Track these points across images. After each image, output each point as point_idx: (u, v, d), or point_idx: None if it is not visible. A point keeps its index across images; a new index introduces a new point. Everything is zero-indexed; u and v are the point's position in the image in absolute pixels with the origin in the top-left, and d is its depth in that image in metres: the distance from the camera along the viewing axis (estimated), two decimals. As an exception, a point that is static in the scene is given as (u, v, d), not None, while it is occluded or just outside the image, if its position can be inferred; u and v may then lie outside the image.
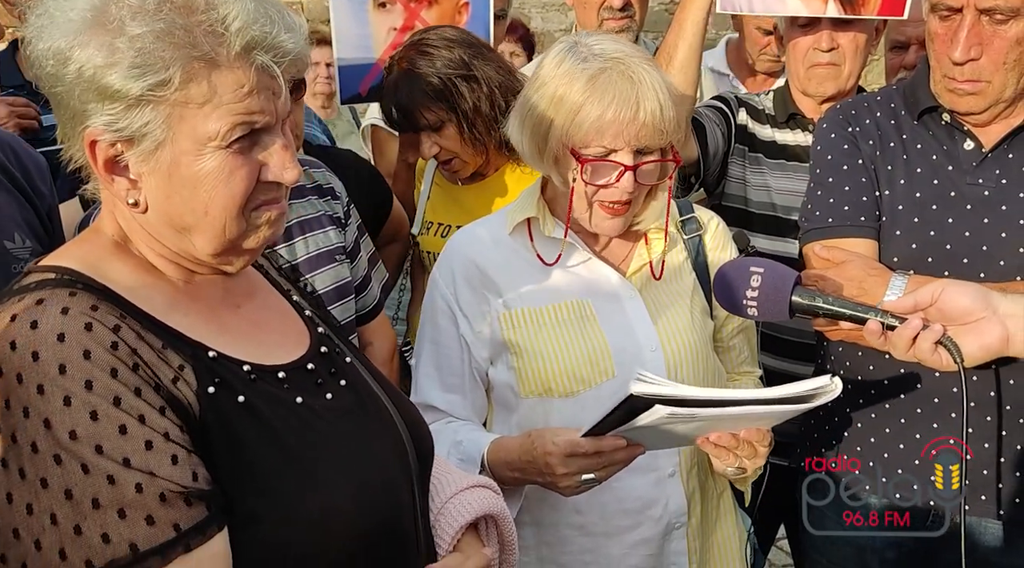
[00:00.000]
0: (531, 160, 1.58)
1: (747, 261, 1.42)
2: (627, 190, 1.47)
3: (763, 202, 2.18)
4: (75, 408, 0.85)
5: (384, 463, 1.07)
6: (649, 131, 1.43)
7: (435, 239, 2.26)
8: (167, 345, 0.95)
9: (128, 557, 0.85)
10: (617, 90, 1.42)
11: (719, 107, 2.21)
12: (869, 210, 1.64)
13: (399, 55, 2.13)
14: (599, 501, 1.52)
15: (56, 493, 0.85)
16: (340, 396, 1.08)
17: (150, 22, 0.89)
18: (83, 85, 0.91)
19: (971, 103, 1.56)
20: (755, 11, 2.17)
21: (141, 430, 0.88)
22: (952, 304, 1.28)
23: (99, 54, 0.89)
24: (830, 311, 1.35)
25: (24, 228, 1.50)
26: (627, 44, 1.54)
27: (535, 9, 6.06)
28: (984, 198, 1.58)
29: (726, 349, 1.71)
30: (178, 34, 0.90)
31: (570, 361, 1.52)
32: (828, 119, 1.77)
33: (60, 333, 0.87)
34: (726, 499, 1.70)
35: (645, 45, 2.71)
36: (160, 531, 0.86)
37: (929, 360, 1.30)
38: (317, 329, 1.16)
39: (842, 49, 2.10)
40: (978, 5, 1.48)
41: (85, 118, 0.92)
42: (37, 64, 0.93)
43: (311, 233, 1.93)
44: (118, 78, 0.89)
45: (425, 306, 1.65)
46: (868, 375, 1.69)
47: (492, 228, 1.64)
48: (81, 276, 0.95)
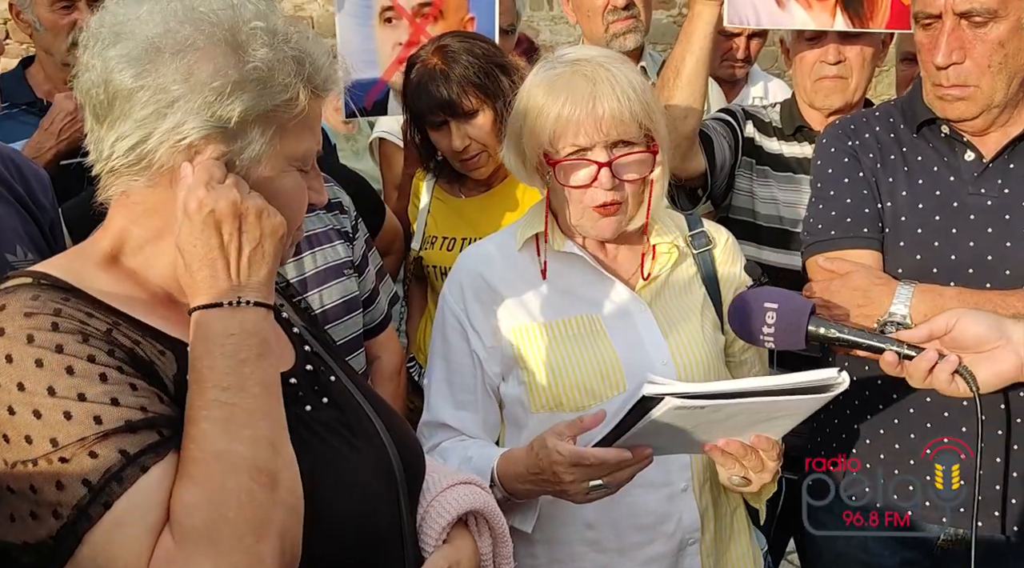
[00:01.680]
0: (519, 174, 1.59)
1: (760, 295, 1.40)
2: (607, 187, 1.45)
3: (770, 215, 2.15)
4: (48, 368, 0.87)
5: (365, 477, 1.07)
6: (610, 123, 1.42)
7: (441, 252, 2.24)
8: (145, 335, 0.96)
9: (121, 462, 0.86)
10: (572, 88, 1.43)
11: (726, 120, 2.19)
12: (872, 222, 1.62)
13: (425, 54, 2.11)
14: (611, 517, 1.49)
15: (43, 444, 0.85)
16: (321, 411, 1.08)
17: (278, 47, 0.97)
18: (200, 100, 0.93)
19: (962, 109, 1.54)
20: (762, 24, 2.15)
21: (122, 377, 0.89)
22: (967, 333, 1.28)
23: (233, 72, 0.94)
24: (846, 341, 1.34)
25: (26, 241, 1.49)
26: (597, 50, 1.55)
27: (544, 22, 6.05)
28: (987, 208, 1.56)
29: (738, 364, 1.69)
30: (289, 62, 0.98)
31: (581, 375, 1.50)
32: (828, 134, 1.75)
33: (27, 312, 0.89)
34: (740, 516, 1.66)
35: (651, 56, 2.69)
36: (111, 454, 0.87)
37: (946, 389, 1.29)
38: (304, 347, 1.16)
39: (849, 62, 2.08)
40: (955, 9, 1.47)
41: (187, 130, 0.94)
42: (115, 69, 0.94)
43: (319, 247, 1.92)
44: (249, 98, 0.95)
45: (436, 323, 1.64)
46: (875, 390, 1.65)
47: (501, 244, 1.63)
48: (58, 280, 0.96)
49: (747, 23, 2.13)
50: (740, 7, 2.04)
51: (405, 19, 2.45)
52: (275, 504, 0.90)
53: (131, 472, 0.86)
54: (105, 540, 0.85)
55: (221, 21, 0.96)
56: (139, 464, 0.87)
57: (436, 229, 2.28)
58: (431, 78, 2.06)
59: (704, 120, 2.13)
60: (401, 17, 2.45)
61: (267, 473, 0.89)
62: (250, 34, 0.96)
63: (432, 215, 2.30)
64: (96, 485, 0.85)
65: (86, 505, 0.85)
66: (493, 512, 1.25)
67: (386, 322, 2.12)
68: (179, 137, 0.94)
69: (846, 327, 1.35)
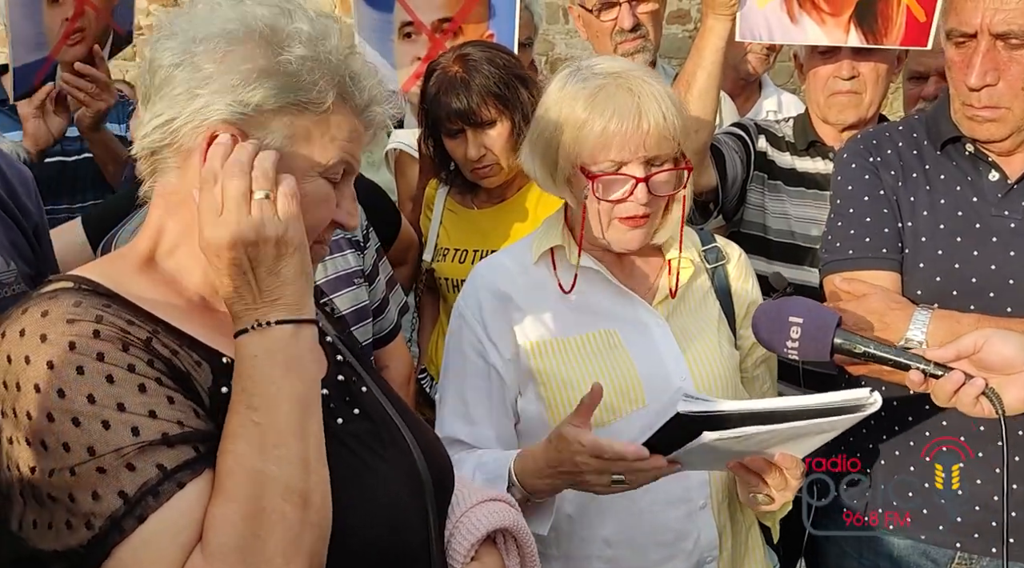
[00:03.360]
0: (545, 185, 1.55)
1: (786, 306, 1.35)
2: (642, 202, 1.43)
3: (782, 230, 2.11)
4: (88, 375, 0.86)
5: (394, 491, 1.04)
6: (655, 140, 1.40)
7: (453, 265, 2.21)
8: (182, 345, 0.95)
9: (158, 476, 0.85)
10: (617, 102, 1.40)
11: (738, 134, 2.15)
12: (891, 242, 1.57)
13: (446, 61, 2.08)
14: (630, 535, 1.46)
15: (80, 452, 0.85)
16: (352, 423, 1.06)
17: (314, 50, 0.98)
18: (227, 82, 0.94)
19: (991, 130, 1.49)
20: (775, 39, 2.11)
21: (161, 389, 0.89)
22: (995, 354, 1.24)
23: (263, 61, 0.95)
24: (872, 355, 1.30)
25: (9, 250, 1.43)
26: (626, 62, 1.51)
27: (559, 35, 6.04)
28: (1010, 230, 1.50)
29: (750, 379, 1.66)
30: (329, 68, 0.99)
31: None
32: (849, 149, 1.69)
33: (69, 318, 0.89)
34: (754, 534, 1.63)
35: (664, 71, 2.66)
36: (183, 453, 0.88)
37: (971, 411, 1.25)
38: (336, 357, 1.14)
39: (863, 77, 2.04)
40: (992, 30, 1.41)
41: (212, 113, 0.95)
42: (165, 58, 0.97)
43: (329, 256, 1.90)
44: (272, 86, 0.95)
45: (450, 338, 1.60)
46: (891, 411, 1.61)
47: (517, 257, 1.59)
48: (98, 285, 0.96)
49: (759, 38, 2.09)
50: (752, 22, 2.01)
51: (424, 34, 2.43)
52: (305, 525, 0.89)
53: (168, 487, 0.85)
54: (134, 555, 0.84)
55: (266, 18, 0.98)
56: (176, 480, 0.86)
57: (448, 241, 2.25)
58: (451, 86, 2.03)
59: (716, 134, 2.10)
60: (420, 32, 2.43)
61: (299, 493, 0.89)
62: (291, 33, 0.97)
63: (444, 226, 2.26)
64: (132, 498, 0.84)
65: (120, 517, 0.84)
66: (522, 531, 1.22)
67: (396, 331, 2.10)
68: (203, 117, 0.95)
69: (872, 342, 1.31)
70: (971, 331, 1.30)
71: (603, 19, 2.46)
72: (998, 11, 1.39)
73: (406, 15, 2.43)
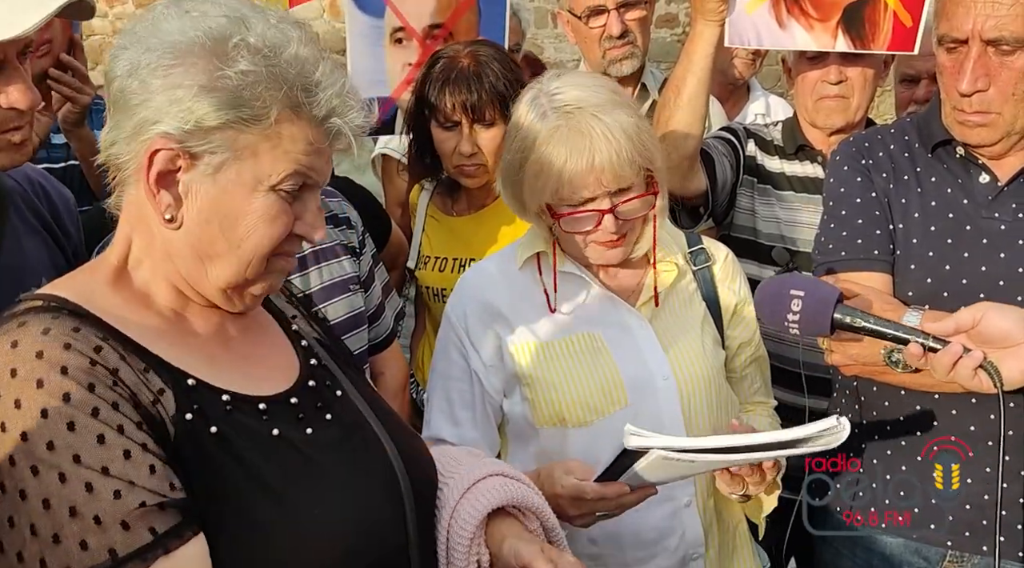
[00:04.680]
0: (519, 215, 1.58)
1: (788, 282, 1.36)
2: (611, 231, 1.45)
3: (772, 233, 2.11)
4: (51, 420, 0.84)
5: (368, 498, 1.03)
6: (611, 176, 1.41)
7: (433, 273, 2.18)
8: (149, 368, 0.94)
9: (107, 562, 0.83)
10: (570, 145, 1.40)
11: (727, 138, 2.15)
12: (883, 244, 1.57)
13: (455, 53, 2.03)
14: (615, 533, 1.47)
15: (34, 503, 0.83)
16: (323, 430, 1.04)
17: (261, 63, 0.94)
18: (172, 97, 0.93)
19: (982, 135, 1.49)
20: (763, 45, 2.11)
21: (120, 440, 0.86)
22: (993, 328, 1.25)
23: (204, 76, 0.93)
24: (872, 330, 1.30)
25: (53, 273, 1.42)
26: (588, 86, 1.48)
27: (548, 39, 6.04)
28: (1000, 232, 1.50)
29: (739, 379, 1.66)
30: (279, 81, 0.95)
31: (583, 391, 1.49)
32: (841, 152, 1.69)
33: (39, 351, 0.87)
34: (742, 531, 1.64)
35: (653, 75, 2.65)
36: (137, 536, 0.84)
37: (969, 384, 1.25)
38: (310, 362, 1.13)
39: (851, 82, 2.04)
40: (983, 36, 1.41)
41: (155, 126, 0.94)
42: (118, 69, 0.96)
43: (325, 263, 1.87)
44: (215, 102, 0.93)
45: (438, 341, 1.62)
46: (883, 411, 1.61)
47: (502, 263, 1.62)
48: (68, 303, 0.94)
49: (748, 43, 2.09)
50: (741, 27, 2.00)
51: (415, 40, 2.41)
52: None
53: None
54: None
55: (212, 30, 0.95)
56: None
57: (430, 249, 2.22)
58: (461, 76, 1.98)
59: (705, 138, 2.09)
60: (411, 38, 2.41)
61: None
62: (236, 46, 0.94)
63: (426, 233, 2.24)
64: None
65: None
66: (528, 501, 1.18)
67: (391, 338, 2.08)
68: (147, 133, 0.94)
69: (871, 316, 1.31)
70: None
71: (591, 26, 2.45)
72: (989, 17, 1.39)
73: (397, 21, 2.41)
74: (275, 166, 0.96)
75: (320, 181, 1.02)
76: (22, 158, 1.37)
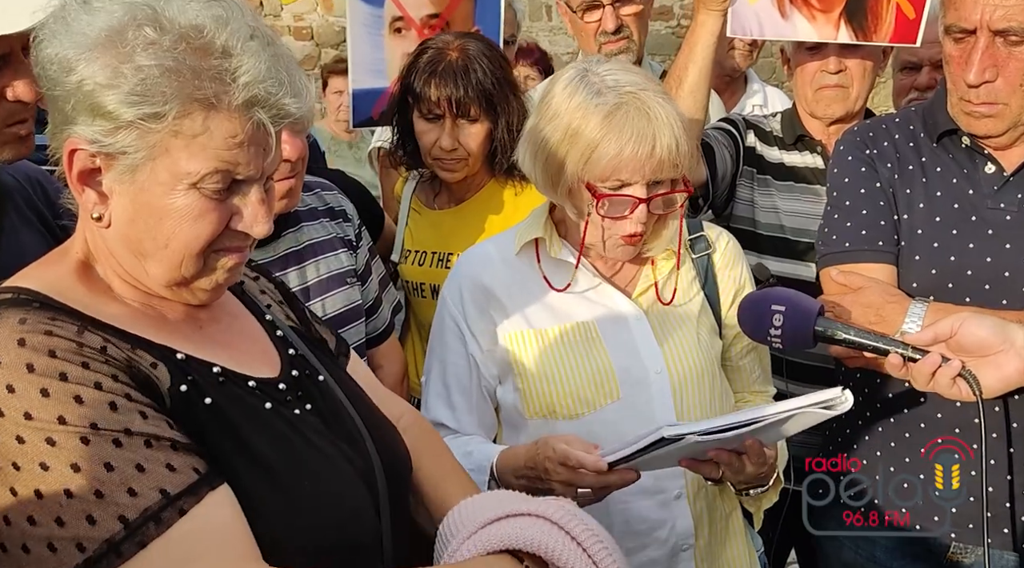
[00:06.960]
0: (544, 189, 1.51)
1: (768, 297, 1.37)
2: (640, 221, 1.42)
3: (771, 224, 2.09)
4: (55, 398, 0.82)
5: (338, 485, 1.01)
6: (666, 166, 1.38)
7: (413, 268, 2.14)
8: (135, 347, 0.92)
9: (161, 501, 0.83)
10: (634, 127, 1.36)
11: (727, 129, 2.12)
12: (887, 234, 1.54)
13: (444, 44, 1.99)
14: (604, 524, 1.41)
15: (62, 469, 0.81)
16: (308, 415, 1.05)
17: (161, 57, 0.88)
18: (79, 96, 0.89)
19: (988, 126, 1.46)
20: (765, 35, 2.08)
21: (131, 405, 0.86)
22: (971, 337, 1.25)
23: (103, 73, 0.88)
24: (853, 342, 1.30)
25: None
26: (638, 73, 1.46)
27: (543, 32, 5.99)
28: (1006, 223, 1.48)
29: (736, 369, 1.64)
30: (185, 73, 0.88)
31: (574, 383, 1.46)
32: (845, 141, 1.67)
33: (20, 339, 0.84)
34: (735, 520, 1.61)
35: (651, 68, 2.61)
36: (185, 475, 0.85)
37: (948, 392, 1.25)
38: (288, 351, 1.11)
39: (850, 71, 2.02)
40: (992, 27, 1.39)
41: (72, 126, 0.91)
42: (41, 65, 0.92)
43: (322, 256, 1.85)
44: (114, 100, 0.88)
45: (434, 324, 1.59)
46: (887, 403, 1.59)
47: (501, 247, 1.58)
48: (39, 295, 0.92)
49: (750, 34, 2.06)
50: (743, 18, 1.98)
51: (414, 30, 2.38)
52: None
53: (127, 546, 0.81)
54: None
55: (112, 24, 0.89)
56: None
57: (412, 243, 2.18)
58: (449, 70, 1.94)
59: (705, 129, 2.07)
60: (411, 28, 2.38)
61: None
62: (132, 40, 0.88)
63: (409, 227, 2.20)
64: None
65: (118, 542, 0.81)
66: (549, 547, 1.00)
67: (389, 331, 2.05)
68: (65, 132, 0.91)
69: (852, 328, 1.31)
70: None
71: (587, 20, 2.41)
72: (998, 7, 1.37)
73: (397, 10, 2.38)
74: (191, 164, 0.90)
75: (255, 175, 0.94)
76: (26, 151, 1.36)
